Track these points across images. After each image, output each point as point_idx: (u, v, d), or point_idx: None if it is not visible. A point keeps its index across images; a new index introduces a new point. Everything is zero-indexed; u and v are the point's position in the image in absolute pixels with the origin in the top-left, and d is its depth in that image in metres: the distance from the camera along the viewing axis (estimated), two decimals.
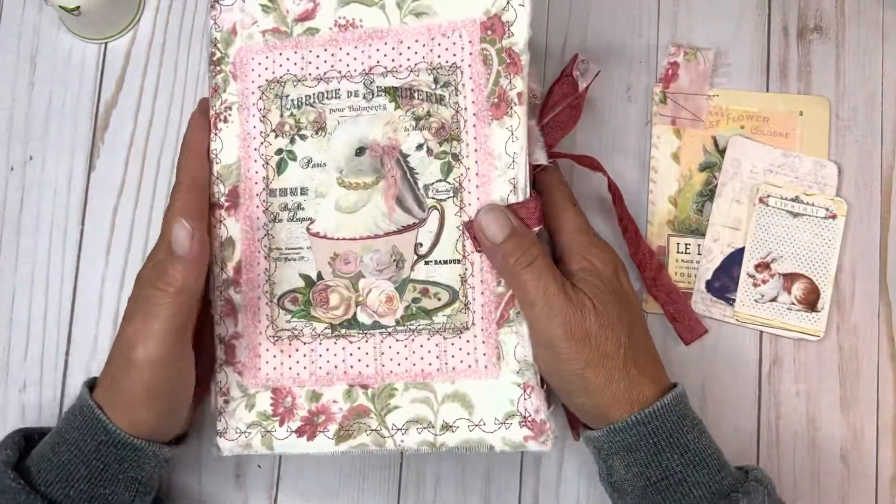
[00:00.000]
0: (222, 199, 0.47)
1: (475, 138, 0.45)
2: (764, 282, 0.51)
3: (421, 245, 0.45)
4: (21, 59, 0.55)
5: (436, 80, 0.45)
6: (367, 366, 0.45)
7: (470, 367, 0.44)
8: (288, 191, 0.46)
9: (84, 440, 0.43)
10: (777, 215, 0.51)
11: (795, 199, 0.51)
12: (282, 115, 0.47)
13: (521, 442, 0.44)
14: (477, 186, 0.45)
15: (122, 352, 0.42)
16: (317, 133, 0.46)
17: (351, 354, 0.45)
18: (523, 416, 0.44)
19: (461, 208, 0.45)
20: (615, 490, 0.44)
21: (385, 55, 0.46)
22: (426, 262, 0.45)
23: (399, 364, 0.45)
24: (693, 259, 0.51)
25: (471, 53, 0.45)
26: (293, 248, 0.46)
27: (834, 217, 0.51)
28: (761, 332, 0.51)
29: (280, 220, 0.46)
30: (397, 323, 0.45)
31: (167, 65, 0.55)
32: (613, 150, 0.52)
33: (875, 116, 0.52)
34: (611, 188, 0.49)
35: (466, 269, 0.45)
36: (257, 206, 0.47)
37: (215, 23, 0.48)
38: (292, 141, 0.46)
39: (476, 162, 0.45)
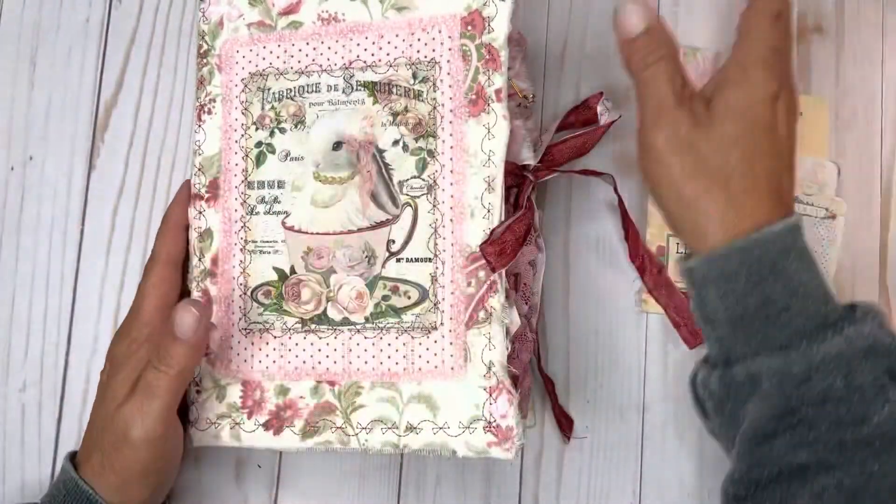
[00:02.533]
0: (203, 191, 0.47)
1: (451, 135, 0.44)
2: None
3: (393, 242, 0.45)
4: (21, 59, 0.55)
5: (414, 76, 0.45)
6: (335, 362, 0.45)
7: (436, 367, 0.44)
8: (266, 183, 0.46)
9: None
10: None
11: (795, 200, 0.51)
12: (263, 108, 0.47)
13: (485, 447, 0.43)
14: (451, 184, 0.44)
15: (115, 431, 0.42)
16: (296, 126, 0.46)
17: (319, 350, 0.45)
18: (488, 421, 0.43)
19: (434, 206, 0.44)
20: (707, 322, 0.40)
21: (365, 49, 0.46)
22: (398, 260, 0.45)
23: (366, 362, 0.45)
24: None
25: (450, 49, 0.45)
26: (268, 241, 0.46)
27: (833, 217, 0.51)
28: None
29: (257, 213, 0.46)
30: (366, 320, 0.45)
31: (167, 65, 0.55)
32: (614, 149, 0.52)
33: (875, 117, 0.52)
34: (616, 191, 0.49)
35: (437, 268, 0.44)
36: (235, 199, 0.47)
37: (203, 15, 0.48)
38: (272, 134, 0.47)
39: (451, 159, 0.44)
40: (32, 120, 0.55)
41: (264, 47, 0.47)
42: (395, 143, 0.45)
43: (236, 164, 0.47)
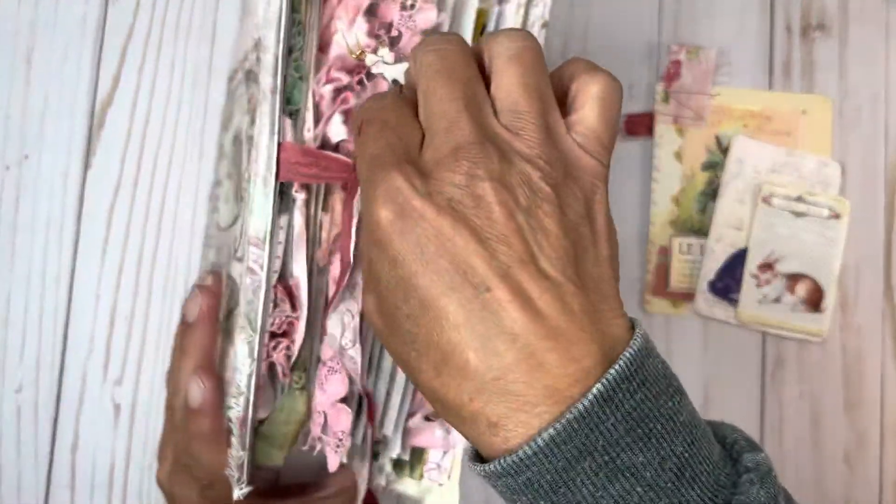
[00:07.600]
0: None
1: None
2: (767, 282, 0.50)
3: None
4: (17, 57, 0.55)
5: None
6: None
7: None
8: None
9: None
10: (780, 215, 0.51)
11: (799, 199, 0.51)
12: None
13: None
14: None
15: None
16: None
17: None
18: None
19: None
20: None
21: None
22: None
23: None
24: (696, 259, 0.51)
25: None
26: None
27: (837, 217, 0.50)
28: (764, 333, 0.50)
29: None
30: None
31: (164, 61, 0.54)
32: (614, 149, 0.52)
33: (879, 115, 0.52)
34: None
35: None
36: None
37: None
38: None
39: None
40: (28, 118, 0.54)
41: None
42: None
43: None
